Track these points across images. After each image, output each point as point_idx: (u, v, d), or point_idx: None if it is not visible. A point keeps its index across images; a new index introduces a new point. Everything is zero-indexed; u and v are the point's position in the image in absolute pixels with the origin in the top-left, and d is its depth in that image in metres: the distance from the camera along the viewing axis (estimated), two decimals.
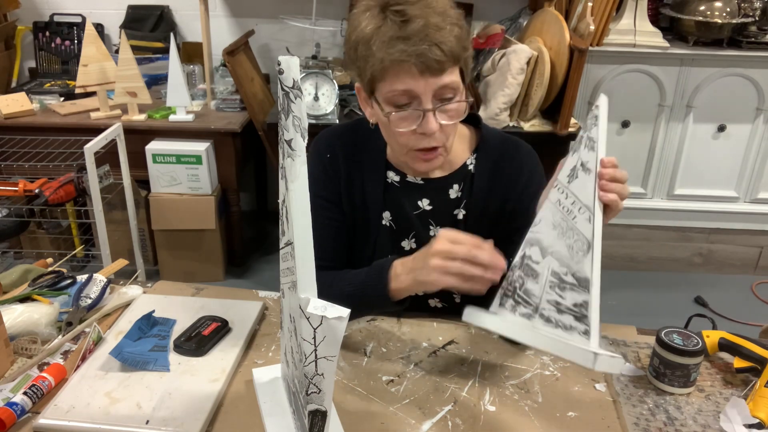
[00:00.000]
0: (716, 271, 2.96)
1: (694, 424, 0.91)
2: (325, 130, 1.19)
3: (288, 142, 0.70)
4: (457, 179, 1.13)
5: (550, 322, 0.83)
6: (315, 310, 0.67)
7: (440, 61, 0.93)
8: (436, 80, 0.95)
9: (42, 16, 3.01)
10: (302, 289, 0.70)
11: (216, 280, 2.76)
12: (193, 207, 2.59)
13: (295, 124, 0.70)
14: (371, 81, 0.98)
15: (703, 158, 2.76)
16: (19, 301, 1.11)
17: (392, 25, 0.93)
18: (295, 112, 0.70)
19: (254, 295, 1.21)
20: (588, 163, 0.83)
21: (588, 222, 0.80)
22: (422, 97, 0.96)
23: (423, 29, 0.92)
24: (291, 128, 0.70)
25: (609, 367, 0.76)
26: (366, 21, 0.96)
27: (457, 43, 0.94)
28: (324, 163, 1.15)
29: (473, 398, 0.96)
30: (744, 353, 1.00)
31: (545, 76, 2.22)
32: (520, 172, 1.12)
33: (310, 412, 0.73)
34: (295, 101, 0.70)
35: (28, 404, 0.90)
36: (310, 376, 0.70)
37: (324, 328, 0.67)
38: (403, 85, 0.95)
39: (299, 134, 0.70)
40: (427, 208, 1.14)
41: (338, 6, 2.80)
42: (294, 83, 0.70)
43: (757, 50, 2.56)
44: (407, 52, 0.92)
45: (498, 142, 1.15)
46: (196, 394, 0.93)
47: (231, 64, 2.43)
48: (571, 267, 0.81)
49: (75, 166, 2.34)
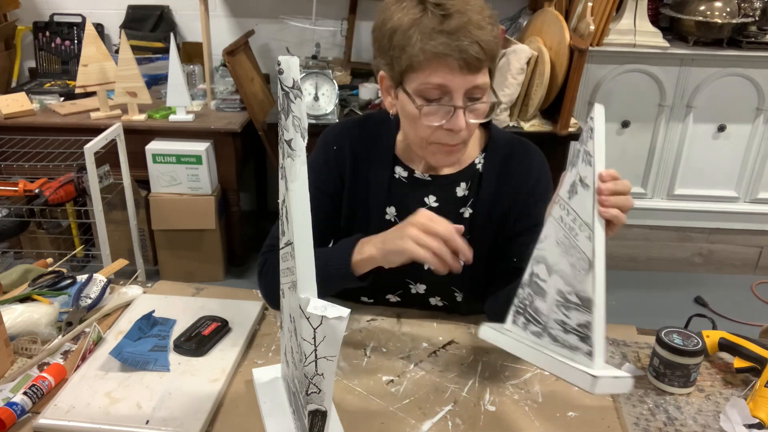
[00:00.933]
0: (716, 271, 2.96)
1: (694, 424, 0.91)
2: (335, 123, 1.21)
3: (288, 142, 0.70)
4: (465, 177, 1.13)
5: (557, 342, 0.83)
6: (315, 310, 0.67)
7: (480, 59, 0.93)
8: (471, 78, 0.95)
9: (42, 16, 3.01)
10: (302, 289, 0.70)
11: (216, 280, 2.76)
12: (193, 207, 2.59)
13: (295, 124, 0.70)
14: (404, 71, 0.98)
15: (703, 158, 2.76)
16: (19, 301, 1.11)
17: (433, 17, 0.93)
18: (295, 112, 0.70)
19: (254, 295, 1.21)
20: (586, 178, 0.81)
21: (588, 240, 0.79)
22: (454, 94, 0.96)
23: (465, 25, 0.92)
24: (291, 128, 0.70)
25: (612, 388, 0.75)
26: (403, 12, 0.96)
27: (494, 43, 0.95)
28: (328, 155, 1.16)
29: (473, 398, 0.96)
30: (744, 353, 1.00)
31: (545, 76, 2.22)
32: (529, 173, 1.12)
33: (310, 412, 0.73)
34: (295, 101, 0.70)
35: (28, 404, 0.90)
36: (310, 376, 0.70)
37: (324, 328, 0.67)
38: (439, 78, 0.95)
39: (299, 134, 0.70)
40: (433, 205, 1.14)
41: (338, 6, 2.80)
42: (294, 83, 0.70)
43: (757, 50, 2.56)
44: (450, 47, 0.92)
45: (507, 143, 1.15)
46: (196, 394, 0.93)
47: (231, 64, 2.43)
48: (575, 286, 0.80)
49: (75, 166, 2.34)
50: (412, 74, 0.97)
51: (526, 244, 1.06)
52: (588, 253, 0.78)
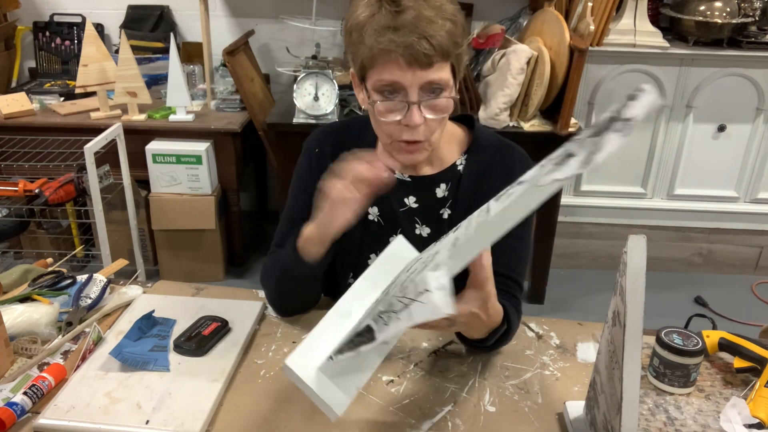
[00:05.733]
0: (716, 271, 2.96)
1: (694, 424, 0.91)
2: (319, 127, 1.22)
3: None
4: (445, 178, 1.13)
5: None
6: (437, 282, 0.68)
7: (428, 54, 0.92)
8: (423, 74, 0.94)
9: (42, 16, 3.01)
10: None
11: (216, 280, 2.76)
12: (193, 207, 2.59)
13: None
14: (362, 68, 1.00)
15: (703, 158, 2.76)
16: (19, 301, 1.12)
17: (386, 14, 0.94)
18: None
19: (254, 295, 1.21)
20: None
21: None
22: (408, 90, 0.96)
23: (414, 21, 0.92)
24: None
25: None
26: (362, 8, 0.97)
27: (448, 38, 0.94)
28: (311, 158, 1.18)
29: (473, 398, 0.96)
30: (744, 353, 1.00)
31: (545, 76, 2.22)
32: (510, 175, 1.10)
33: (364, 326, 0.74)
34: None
35: (28, 404, 0.90)
36: (396, 308, 0.71)
37: (426, 304, 0.68)
38: (390, 75, 0.95)
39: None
40: (413, 206, 1.14)
41: (338, 6, 2.80)
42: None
43: (757, 50, 2.56)
44: (395, 42, 0.92)
45: (491, 145, 1.14)
46: (196, 394, 0.93)
47: (231, 64, 2.43)
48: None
49: (75, 166, 2.34)
50: (369, 71, 0.98)
51: (497, 246, 1.06)
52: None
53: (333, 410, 0.79)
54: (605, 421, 0.76)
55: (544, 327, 1.14)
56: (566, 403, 0.93)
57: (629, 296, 0.67)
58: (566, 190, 2.80)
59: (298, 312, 1.16)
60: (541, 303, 2.67)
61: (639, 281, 0.67)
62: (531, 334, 1.12)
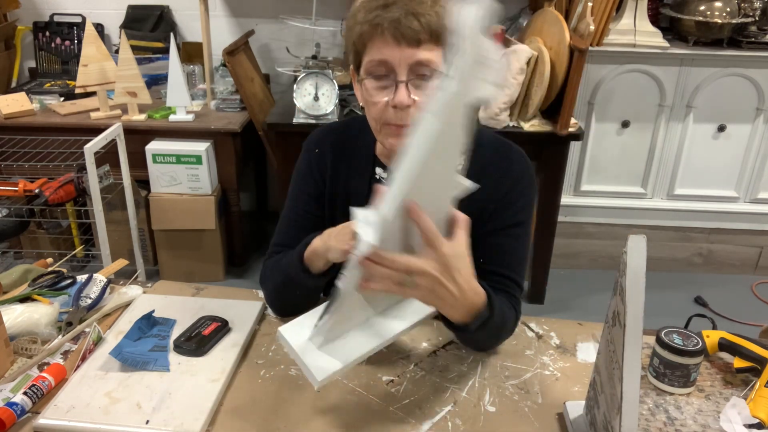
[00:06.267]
0: (716, 271, 2.96)
1: (694, 424, 0.91)
2: (319, 127, 1.23)
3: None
4: None
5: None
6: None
7: (415, 30, 0.93)
8: (412, 52, 0.95)
9: (42, 16, 3.01)
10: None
11: (216, 280, 2.76)
12: (193, 207, 2.59)
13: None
14: (356, 54, 1.01)
15: (703, 158, 2.76)
16: (19, 301, 1.12)
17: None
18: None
19: (254, 295, 1.21)
20: None
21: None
22: (397, 69, 0.97)
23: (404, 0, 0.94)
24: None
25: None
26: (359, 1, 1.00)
27: (437, 19, 0.94)
28: (310, 158, 1.18)
29: (473, 398, 0.96)
30: (744, 353, 1.00)
31: (545, 76, 2.22)
32: (507, 175, 1.11)
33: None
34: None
35: (28, 404, 0.90)
36: None
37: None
38: (379, 54, 0.97)
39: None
40: None
41: (338, 6, 2.80)
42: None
43: (757, 50, 2.56)
44: (382, 17, 0.94)
45: (489, 144, 1.14)
46: (196, 394, 0.93)
47: (231, 64, 2.43)
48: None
49: (75, 166, 2.34)
50: (363, 56, 1.00)
51: (495, 245, 1.06)
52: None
53: (314, 376, 0.84)
54: (605, 421, 0.76)
55: (544, 327, 1.14)
56: (566, 403, 0.93)
57: (629, 296, 0.68)
58: (566, 190, 2.80)
59: (296, 313, 1.16)
60: (541, 303, 2.67)
61: (639, 281, 0.68)
62: (531, 334, 1.12)
